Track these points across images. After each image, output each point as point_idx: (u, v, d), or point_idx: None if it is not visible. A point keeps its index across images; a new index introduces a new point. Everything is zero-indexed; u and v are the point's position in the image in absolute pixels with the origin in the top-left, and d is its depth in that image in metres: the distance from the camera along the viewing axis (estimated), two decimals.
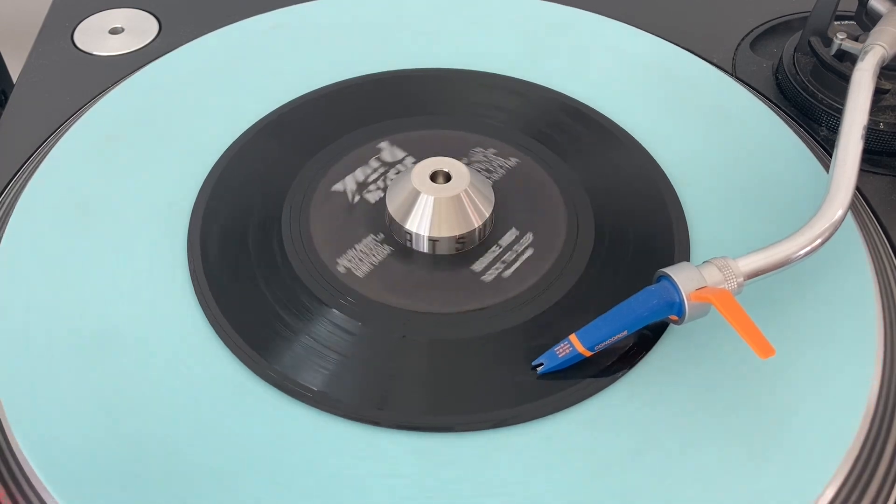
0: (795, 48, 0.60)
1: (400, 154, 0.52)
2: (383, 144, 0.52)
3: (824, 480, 0.39)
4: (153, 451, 0.39)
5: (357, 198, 0.49)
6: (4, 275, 0.46)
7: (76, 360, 0.42)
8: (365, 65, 0.58)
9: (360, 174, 0.51)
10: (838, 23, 0.59)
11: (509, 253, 0.47)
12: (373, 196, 0.49)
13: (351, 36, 0.60)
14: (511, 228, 0.48)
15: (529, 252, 0.47)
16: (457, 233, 0.46)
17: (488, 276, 0.46)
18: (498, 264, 0.46)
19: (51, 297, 0.45)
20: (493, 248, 0.47)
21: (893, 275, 0.49)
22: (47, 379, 0.42)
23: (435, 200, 0.46)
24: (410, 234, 0.46)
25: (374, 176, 0.50)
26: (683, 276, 0.41)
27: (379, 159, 0.51)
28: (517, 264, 0.46)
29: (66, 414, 0.40)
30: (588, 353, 0.41)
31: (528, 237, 0.48)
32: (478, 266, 0.46)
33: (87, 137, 0.53)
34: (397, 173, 0.50)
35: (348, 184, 0.50)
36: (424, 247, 0.47)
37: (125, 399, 0.41)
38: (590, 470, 0.39)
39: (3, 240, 0.47)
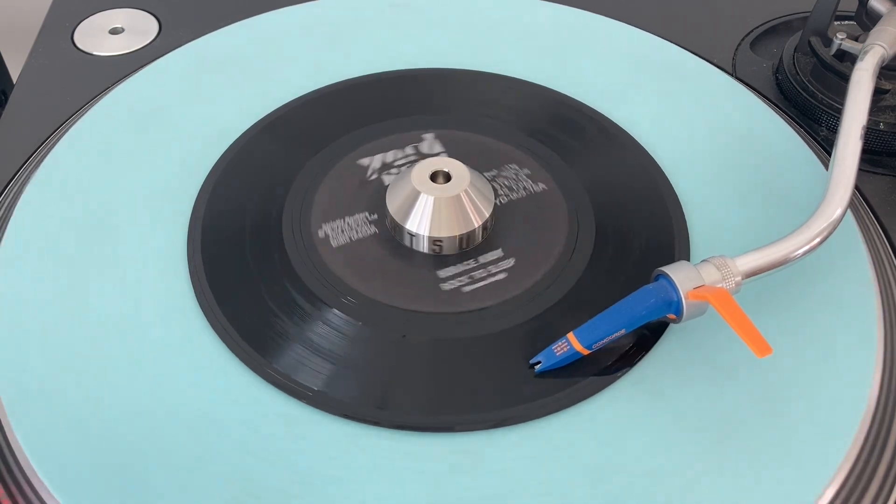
0: (795, 48, 0.60)
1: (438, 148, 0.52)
2: (427, 136, 0.53)
3: (824, 480, 0.39)
4: (152, 451, 0.39)
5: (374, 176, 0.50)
6: (5, 274, 0.46)
7: (76, 360, 0.42)
8: (365, 65, 0.58)
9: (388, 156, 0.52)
10: (838, 23, 0.59)
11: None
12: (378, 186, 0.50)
13: (351, 36, 0.60)
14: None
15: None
16: (457, 233, 0.46)
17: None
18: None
19: (51, 296, 0.45)
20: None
21: (893, 275, 0.49)
22: (48, 378, 0.42)
23: (435, 200, 0.46)
24: (410, 233, 0.46)
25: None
26: (681, 275, 0.41)
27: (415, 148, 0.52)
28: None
29: (66, 413, 0.40)
30: (586, 352, 0.41)
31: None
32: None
33: (87, 137, 0.53)
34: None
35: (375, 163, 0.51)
36: (424, 247, 0.47)
37: (125, 398, 0.41)
38: (590, 470, 0.39)
39: (3, 239, 0.47)
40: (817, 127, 0.58)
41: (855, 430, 0.41)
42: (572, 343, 0.41)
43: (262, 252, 0.47)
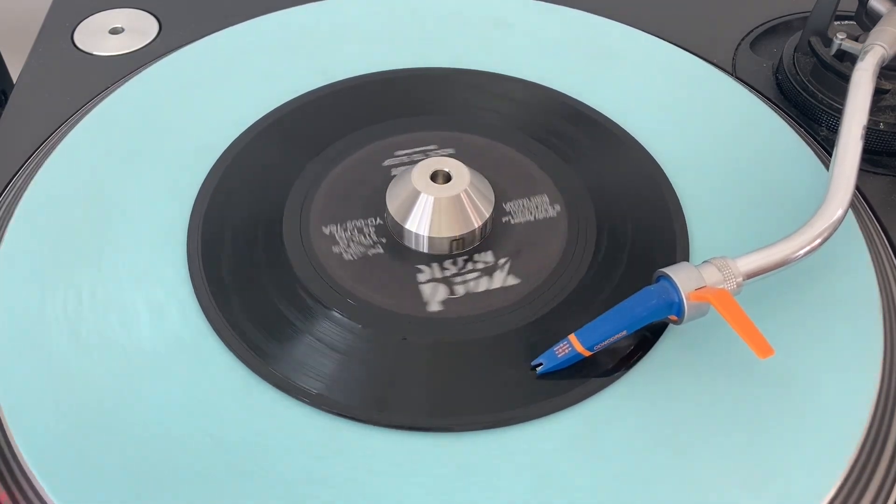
0: (795, 48, 0.60)
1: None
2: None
3: (824, 480, 0.39)
4: (152, 452, 0.39)
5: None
6: (5, 275, 0.46)
7: (76, 361, 0.42)
8: (365, 65, 0.58)
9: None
10: (838, 23, 0.59)
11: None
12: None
13: (351, 36, 0.60)
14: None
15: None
16: (456, 233, 0.46)
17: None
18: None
19: (51, 297, 0.45)
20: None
21: (894, 275, 0.49)
22: (46, 379, 0.42)
23: (435, 200, 0.46)
24: (410, 233, 0.46)
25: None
26: (682, 276, 0.41)
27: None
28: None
29: (66, 414, 0.40)
30: (587, 353, 0.41)
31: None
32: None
33: (87, 138, 0.53)
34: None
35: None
36: (424, 247, 0.47)
37: (124, 399, 0.41)
38: (589, 470, 0.39)
39: (3, 240, 0.47)
40: (817, 127, 0.58)
41: (856, 430, 0.41)
42: (574, 345, 0.41)
43: (263, 254, 0.47)
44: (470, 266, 0.46)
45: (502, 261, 0.47)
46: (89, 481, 0.38)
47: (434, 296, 0.45)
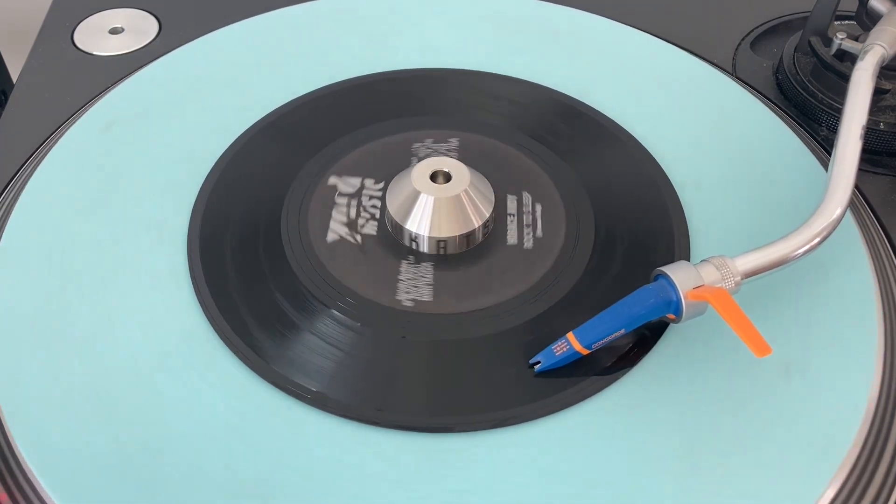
0: (795, 48, 0.60)
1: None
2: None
3: (824, 480, 0.39)
4: (151, 451, 0.39)
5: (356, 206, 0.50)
6: (4, 275, 0.46)
7: (75, 361, 0.42)
8: (365, 65, 0.58)
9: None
10: (838, 23, 0.59)
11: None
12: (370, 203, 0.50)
13: (351, 36, 0.60)
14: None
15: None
16: (457, 233, 0.46)
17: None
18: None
19: (50, 297, 0.45)
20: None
21: (893, 274, 0.49)
22: (46, 379, 0.42)
23: (435, 200, 0.46)
24: (410, 234, 0.46)
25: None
26: (681, 275, 0.41)
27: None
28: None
29: (65, 415, 0.40)
30: (585, 352, 0.41)
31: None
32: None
33: (86, 137, 0.53)
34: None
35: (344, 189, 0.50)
36: (424, 247, 0.47)
37: (124, 398, 0.41)
38: (589, 470, 0.39)
39: (2, 239, 0.47)
40: (817, 127, 0.58)
41: (855, 430, 0.41)
42: (572, 343, 0.41)
43: (262, 253, 0.47)
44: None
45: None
46: (89, 481, 0.38)
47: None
